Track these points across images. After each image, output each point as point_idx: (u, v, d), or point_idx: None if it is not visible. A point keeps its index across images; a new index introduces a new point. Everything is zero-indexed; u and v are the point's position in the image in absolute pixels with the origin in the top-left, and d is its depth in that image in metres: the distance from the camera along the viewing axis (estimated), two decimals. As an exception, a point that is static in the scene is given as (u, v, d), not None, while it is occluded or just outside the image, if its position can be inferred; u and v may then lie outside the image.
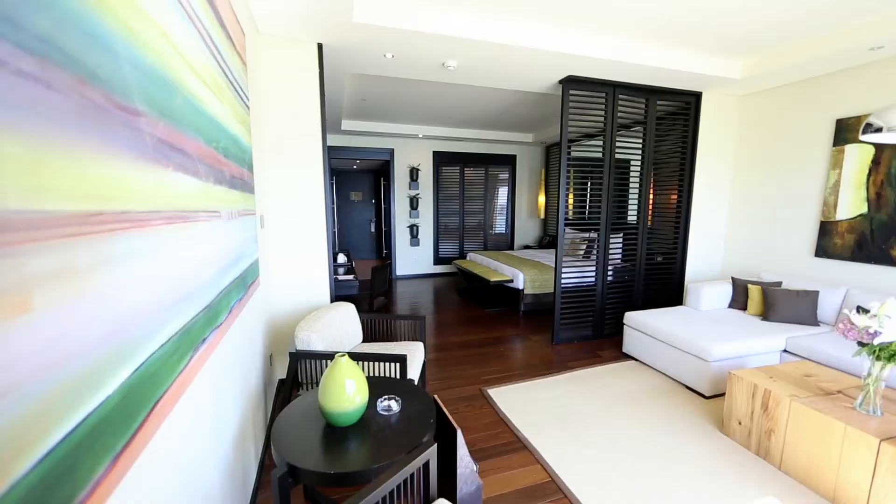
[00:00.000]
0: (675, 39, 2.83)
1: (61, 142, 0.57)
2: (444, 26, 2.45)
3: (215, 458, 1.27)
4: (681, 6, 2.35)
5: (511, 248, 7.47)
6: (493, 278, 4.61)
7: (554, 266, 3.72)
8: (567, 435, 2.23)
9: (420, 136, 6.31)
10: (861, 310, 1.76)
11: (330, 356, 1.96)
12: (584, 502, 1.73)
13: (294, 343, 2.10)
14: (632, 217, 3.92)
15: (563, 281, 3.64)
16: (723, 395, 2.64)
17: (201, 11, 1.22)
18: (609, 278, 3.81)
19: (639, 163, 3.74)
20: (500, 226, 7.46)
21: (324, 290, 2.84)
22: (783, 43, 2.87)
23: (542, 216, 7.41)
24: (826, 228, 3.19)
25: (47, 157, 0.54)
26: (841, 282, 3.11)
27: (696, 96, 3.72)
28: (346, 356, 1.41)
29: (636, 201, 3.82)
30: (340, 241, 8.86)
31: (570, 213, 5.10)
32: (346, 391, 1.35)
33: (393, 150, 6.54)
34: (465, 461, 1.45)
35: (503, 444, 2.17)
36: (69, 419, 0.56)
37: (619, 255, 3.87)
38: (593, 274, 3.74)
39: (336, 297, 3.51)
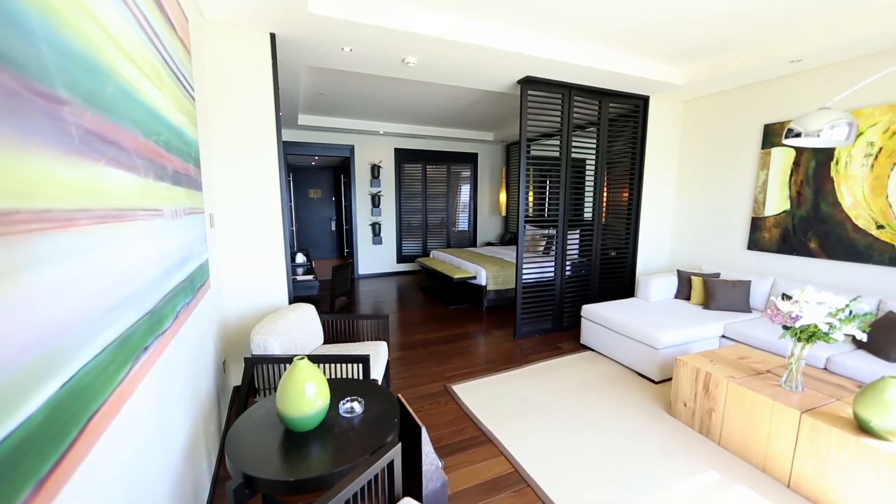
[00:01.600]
0: (626, 46, 2.99)
1: (-36, 131, 0.50)
2: (404, 22, 2.42)
3: (162, 473, 1.18)
4: (632, 16, 2.48)
5: (474, 245, 7.56)
6: (457, 275, 4.65)
7: (515, 262, 3.81)
8: (529, 426, 2.30)
9: (381, 132, 6.22)
10: (785, 297, 1.95)
11: (288, 360, 1.89)
12: (546, 489, 1.80)
13: (249, 347, 2.00)
14: (588, 214, 4.09)
15: (524, 276, 3.74)
16: (670, 379, 2.84)
17: (136, -8, 1.13)
18: (567, 273, 3.96)
19: (593, 162, 3.91)
20: (462, 223, 7.53)
21: (281, 291, 2.73)
22: (719, 53, 3.11)
23: (504, 213, 7.55)
24: (756, 224, 3.51)
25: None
26: (769, 272, 3.44)
27: (644, 100, 3.94)
28: (306, 359, 1.37)
29: (591, 199, 3.99)
30: (299, 240, 8.54)
31: (530, 210, 5.24)
32: (305, 395, 1.30)
33: (353, 146, 6.40)
34: (429, 458, 1.45)
35: (468, 438, 2.20)
36: (-19, 443, 0.50)
37: (577, 251, 4.03)
38: (552, 269, 3.87)
39: (295, 298, 3.39)
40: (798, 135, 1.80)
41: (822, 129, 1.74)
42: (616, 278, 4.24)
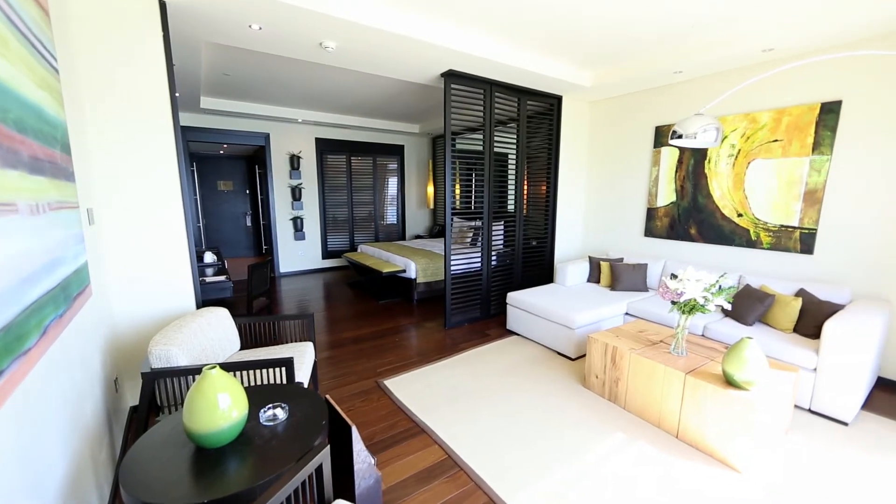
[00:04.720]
0: (542, 47, 3.16)
1: None
2: (321, 3, 2.27)
3: (33, 520, 0.99)
4: (548, 19, 2.62)
5: (403, 238, 7.51)
6: (386, 269, 4.58)
7: (444, 254, 3.87)
8: (460, 412, 2.37)
9: (300, 120, 5.83)
10: (673, 276, 2.27)
11: (197, 370, 1.70)
12: (478, 471, 1.88)
13: (149, 360, 1.76)
14: (511, 206, 4.30)
15: (452, 268, 3.82)
16: (584, 356, 3.13)
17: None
18: (493, 262, 4.14)
19: (514, 156, 4.11)
20: (391, 216, 7.42)
21: (186, 295, 2.44)
22: (618, 61, 3.46)
23: (432, 206, 7.61)
24: (651, 214, 4.00)
25: None
26: (661, 255, 3.95)
27: (558, 99, 4.24)
28: (217, 368, 1.24)
29: (513, 192, 4.20)
30: (208, 237, 7.69)
31: (457, 203, 5.35)
32: (218, 407, 1.18)
33: (268, 134, 5.91)
34: (361, 456, 1.42)
35: (401, 431, 2.20)
36: None
37: (501, 241, 4.22)
38: (479, 259, 4.01)
39: (204, 301, 3.05)
40: (680, 136, 2.08)
41: (698, 132, 2.03)
42: (537, 266, 4.54)
